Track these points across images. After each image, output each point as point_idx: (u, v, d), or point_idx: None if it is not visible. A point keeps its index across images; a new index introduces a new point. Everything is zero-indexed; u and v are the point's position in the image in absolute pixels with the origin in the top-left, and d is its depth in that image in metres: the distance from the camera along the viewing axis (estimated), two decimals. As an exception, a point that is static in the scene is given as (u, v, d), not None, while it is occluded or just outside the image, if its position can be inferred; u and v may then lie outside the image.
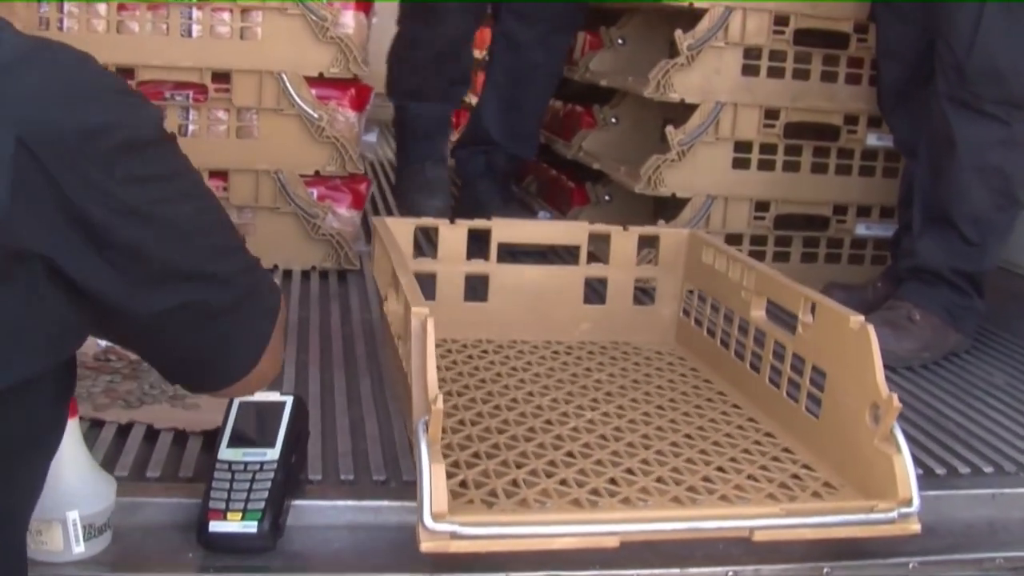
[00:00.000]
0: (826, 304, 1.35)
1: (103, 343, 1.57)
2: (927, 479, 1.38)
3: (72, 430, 1.09)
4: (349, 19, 2.06)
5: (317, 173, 2.08)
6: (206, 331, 0.88)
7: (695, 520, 1.13)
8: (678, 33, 2.08)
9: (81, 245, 0.75)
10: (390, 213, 2.64)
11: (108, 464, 1.24)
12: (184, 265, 0.82)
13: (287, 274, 2.08)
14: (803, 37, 2.12)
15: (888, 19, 1.98)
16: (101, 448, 1.29)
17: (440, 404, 1.08)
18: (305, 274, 2.09)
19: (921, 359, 1.82)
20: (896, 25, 1.96)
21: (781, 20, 2.11)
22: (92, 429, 1.34)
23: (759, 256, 2.20)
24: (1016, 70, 1.74)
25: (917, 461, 1.42)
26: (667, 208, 2.19)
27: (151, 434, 1.34)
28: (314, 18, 2.00)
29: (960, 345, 1.87)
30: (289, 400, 1.22)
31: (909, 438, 1.48)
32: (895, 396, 1.19)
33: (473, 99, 3.00)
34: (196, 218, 0.83)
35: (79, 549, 1.08)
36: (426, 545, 1.05)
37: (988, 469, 1.42)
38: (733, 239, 2.19)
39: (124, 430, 1.34)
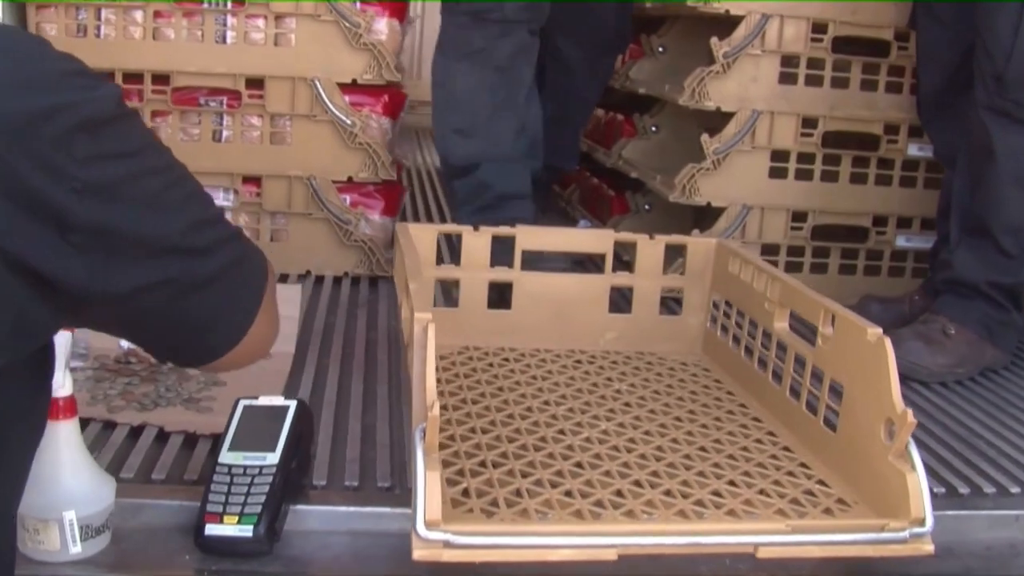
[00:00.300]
0: (845, 316, 1.31)
1: (125, 345, 1.59)
2: (949, 498, 1.34)
3: (71, 431, 1.10)
4: (382, 26, 2.06)
5: (350, 179, 2.09)
6: (188, 305, 0.87)
7: (696, 535, 1.10)
8: (714, 40, 2.05)
9: (44, 233, 0.74)
10: (429, 219, 2.65)
11: (116, 465, 1.25)
12: (156, 241, 0.82)
13: (319, 280, 2.09)
14: (842, 45, 2.08)
15: (928, 25, 1.94)
16: (111, 450, 1.30)
17: (436, 411, 1.07)
18: (337, 280, 2.10)
19: (956, 375, 1.77)
20: (936, 31, 1.92)
21: (819, 27, 2.07)
22: (105, 431, 1.36)
23: (796, 267, 2.17)
24: None
25: (940, 480, 1.39)
26: (707, 218, 2.16)
27: (162, 436, 1.34)
28: (347, 25, 2.01)
29: (998, 361, 1.82)
30: (292, 404, 1.22)
31: (935, 456, 1.46)
32: (910, 412, 1.15)
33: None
34: (165, 192, 0.82)
35: (76, 549, 1.08)
36: (419, 553, 1.03)
37: (1015, 490, 1.38)
38: (770, 249, 2.15)
39: (136, 432, 1.35)
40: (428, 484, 1.04)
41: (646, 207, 2.43)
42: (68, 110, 0.75)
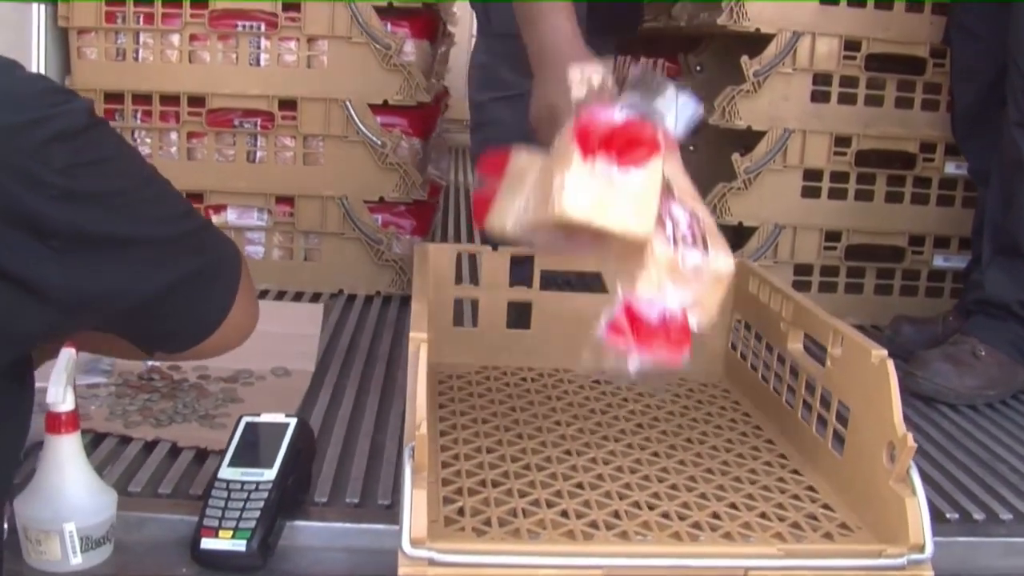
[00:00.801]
0: (851, 337, 1.30)
1: (148, 363, 1.63)
2: (962, 524, 1.32)
3: (73, 444, 1.13)
4: (412, 47, 2.09)
5: (382, 199, 2.11)
6: (167, 298, 0.92)
7: (684, 557, 1.09)
8: (744, 59, 2.05)
9: (24, 240, 0.79)
10: (458, 239, 2.66)
11: (126, 479, 1.28)
12: (132, 239, 0.86)
13: (351, 299, 2.12)
14: (875, 62, 2.06)
15: (962, 40, 1.91)
16: (123, 463, 1.33)
17: (424, 430, 1.07)
18: (368, 299, 2.12)
19: (986, 397, 1.73)
20: (970, 47, 1.89)
21: (852, 45, 2.05)
22: (120, 445, 1.39)
23: (831, 287, 2.14)
24: None
25: (955, 505, 1.36)
26: (744, 238, 2.15)
27: (174, 451, 1.37)
28: (378, 46, 2.04)
29: (1033, 384, 1.78)
30: (293, 422, 1.24)
31: (953, 481, 1.43)
32: (910, 436, 1.13)
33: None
34: (138, 192, 0.87)
35: (76, 560, 1.11)
36: (404, 571, 1.04)
37: (1034, 517, 1.34)
38: (803, 270, 2.13)
39: (150, 447, 1.38)
40: (414, 502, 1.05)
41: (683, 227, 2.42)
42: (44, 124, 0.80)
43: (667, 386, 1.64)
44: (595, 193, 1.08)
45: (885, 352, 1.23)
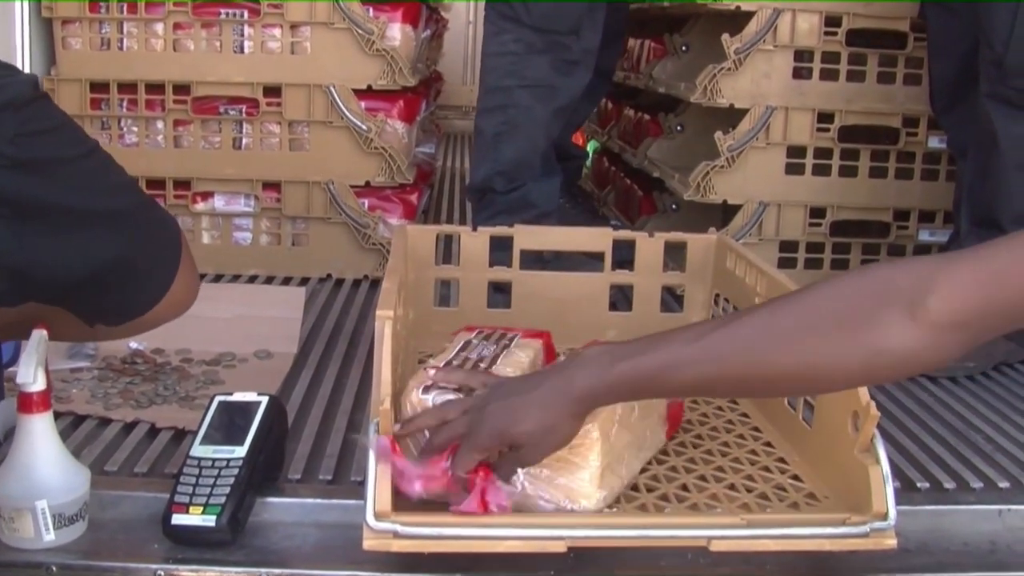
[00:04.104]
0: (818, 309, 1.30)
1: (133, 345, 1.65)
2: (932, 492, 1.32)
3: (45, 424, 1.14)
4: (396, 32, 2.10)
5: (367, 184, 2.13)
6: (114, 267, 0.94)
7: (647, 528, 1.11)
8: (725, 37, 2.05)
9: None
10: (448, 221, 2.67)
11: (103, 459, 1.30)
12: (78, 206, 0.89)
13: (338, 283, 2.13)
14: (857, 38, 2.06)
15: (937, 15, 1.91)
16: (101, 444, 1.35)
17: (387, 406, 1.09)
18: (356, 283, 2.14)
19: (966, 369, 1.73)
20: (946, 20, 1.89)
21: (833, 21, 2.05)
22: (99, 427, 1.41)
23: (816, 264, 2.15)
24: None
25: (927, 474, 1.36)
26: (729, 216, 2.15)
27: (153, 432, 1.39)
28: (361, 32, 2.05)
29: (1013, 355, 1.78)
30: (264, 400, 1.25)
31: (927, 450, 1.44)
32: (873, 404, 1.14)
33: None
34: (84, 162, 0.90)
35: (49, 537, 1.12)
36: (368, 543, 1.06)
37: (1004, 484, 1.35)
38: (788, 246, 2.14)
39: (129, 428, 1.40)
40: (379, 476, 1.07)
41: (673, 207, 2.42)
42: None
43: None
44: None
45: (850, 323, 1.24)
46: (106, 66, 2.07)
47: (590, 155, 3.35)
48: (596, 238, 1.75)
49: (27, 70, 2.07)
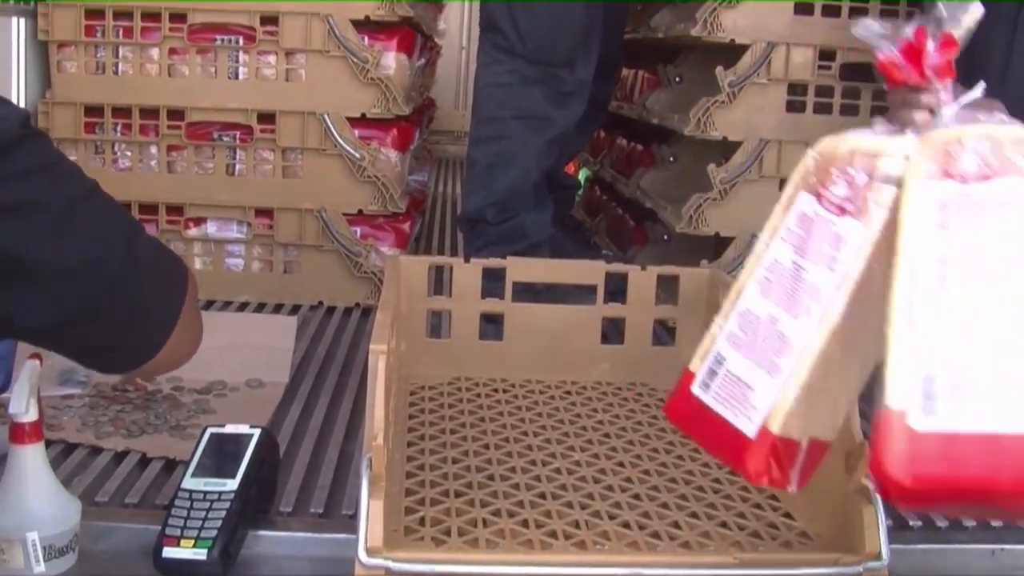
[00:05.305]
0: (811, 347, 1.31)
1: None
2: (924, 531, 1.32)
3: (37, 454, 1.14)
4: (391, 60, 2.11)
5: (360, 212, 2.13)
6: (111, 318, 0.90)
7: (638, 566, 1.10)
8: (719, 70, 2.06)
9: None
10: (442, 251, 2.67)
11: (94, 489, 1.29)
12: (70, 255, 0.84)
13: (330, 311, 2.13)
14: (851, 72, 2.07)
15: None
16: (92, 474, 1.34)
17: (380, 441, 1.09)
18: (347, 311, 2.14)
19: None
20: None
21: (827, 55, 2.06)
22: (90, 456, 1.40)
23: (808, 297, 2.15)
24: None
25: (918, 512, 1.36)
26: (721, 248, 2.16)
27: (144, 462, 1.38)
28: (355, 60, 2.05)
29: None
30: (256, 433, 1.25)
31: (917, 488, 1.43)
32: (866, 444, 1.14)
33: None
34: (76, 205, 0.85)
35: (39, 569, 1.12)
36: (360, 579, 1.06)
37: (997, 523, 1.35)
38: (780, 279, 2.14)
39: (120, 457, 1.40)
40: (371, 512, 1.06)
41: (664, 237, 2.43)
42: None
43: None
44: None
45: (845, 360, 1.24)
46: (101, 90, 2.07)
47: (582, 184, 3.36)
48: (589, 271, 1.75)
49: (22, 93, 2.07)
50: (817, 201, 1.00)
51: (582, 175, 3.45)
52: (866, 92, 2.10)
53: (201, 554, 1.12)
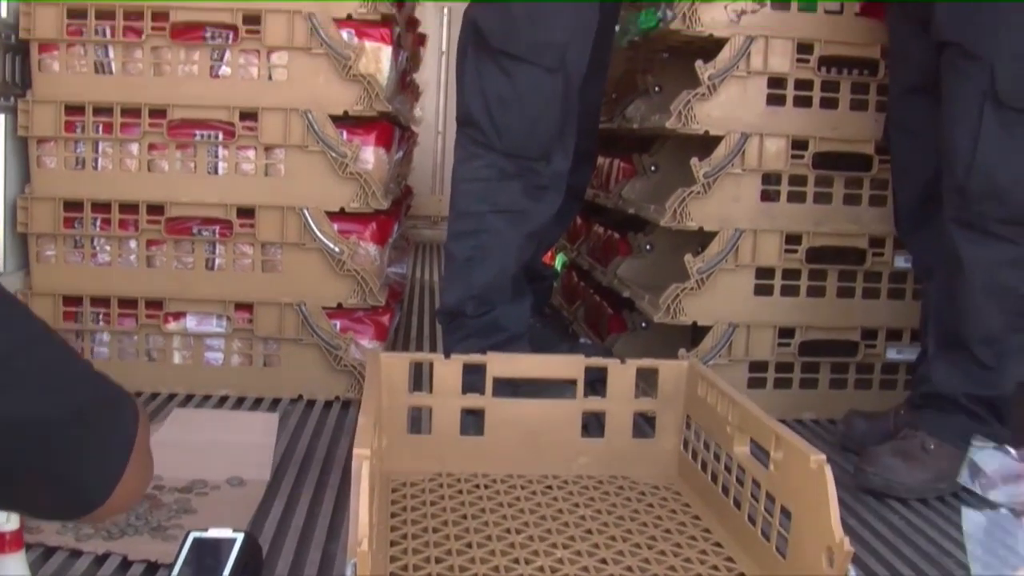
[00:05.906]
0: (790, 441, 1.32)
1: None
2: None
3: (18, 562, 1.13)
4: (369, 155, 2.13)
5: (339, 305, 2.13)
6: (52, 471, 0.87)
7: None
8: (694, 161, 2.09)
9: None
10: (420, 344, 2.67)
11: (74, 596, 1.28)
12: (7, 411, 0.81)
13: (310, 404, 2.13)
14: (823, 160, 2.11)
15: (899, 137, 1.97)
16: (72, 579, 1.33)
17: (365, 547, 1.08)
18: (328, 404, 2.13)
19: (936, 490, 1.75)
20: (907, 143, 1.95)
21: (799, 144, 2.10)
22: (70, 559, 1.39)
23: (786, 383, 2.17)
24: (1017, 188, 1.70)
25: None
26: (699, 337, 2.17)
27: (125, 564, 1.37)
28: (334, 155, 2.07)
29: (981, 477, 1.80)
30: (240, 537, 1.24)
31: (899, 578, 1.44)
32: (847, 540, 1.15)
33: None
34: (18, 354, 0.82)
35: None
36: None
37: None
38: (758, 367, 2.16)
39: (101, 560, 1.38)
40: (354, 619, 1.06)
41: (642, 325, 2.45)
42: None
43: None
44: None
45: (823, 457, 1.25)
46: (80, 185, 2.09)
47: (559, 272, 3.38)
48: (568, 365, 1.76)
49: (1, 187, 2.08)
50: None
51: (558, 261, 3.47)
52: (839, 180, 2.14)
53: (182, 665, 1.11)
